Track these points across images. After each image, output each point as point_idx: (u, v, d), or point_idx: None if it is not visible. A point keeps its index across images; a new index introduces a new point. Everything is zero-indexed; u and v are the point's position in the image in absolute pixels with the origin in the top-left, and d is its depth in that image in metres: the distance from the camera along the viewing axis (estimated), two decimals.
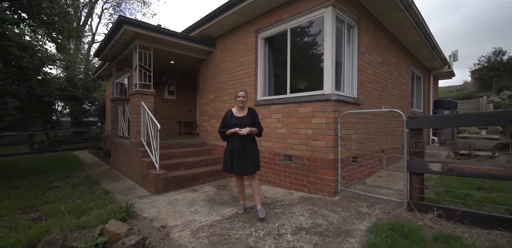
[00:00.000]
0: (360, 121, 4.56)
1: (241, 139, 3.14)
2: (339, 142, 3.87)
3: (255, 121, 3.25)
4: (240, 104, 3.22)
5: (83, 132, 14.74)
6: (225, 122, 3.27)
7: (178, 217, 3.31)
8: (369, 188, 4.14)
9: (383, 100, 5.61)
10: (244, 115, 3.25)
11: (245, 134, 3.10)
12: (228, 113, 3.32)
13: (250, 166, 3.15)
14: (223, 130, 3.26)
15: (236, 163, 3.14)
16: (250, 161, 3.15)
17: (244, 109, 3.30)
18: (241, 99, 3.22)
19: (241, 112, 3.28)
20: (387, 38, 5.72)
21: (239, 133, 3.10)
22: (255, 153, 3.25)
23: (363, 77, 4.70)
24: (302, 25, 4.49)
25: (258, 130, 3.26)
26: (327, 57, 3.97)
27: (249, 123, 3.19)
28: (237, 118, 3.23)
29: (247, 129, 3.12)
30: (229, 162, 3.20)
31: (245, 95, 3.27)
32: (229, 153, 3.22)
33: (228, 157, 3.22)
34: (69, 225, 3.02)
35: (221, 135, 3.29)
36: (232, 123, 3.19)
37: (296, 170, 4.30)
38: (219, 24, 5.53)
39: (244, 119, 3.21)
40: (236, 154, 3.14)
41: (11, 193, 4.55)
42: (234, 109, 3.33)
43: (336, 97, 3.86)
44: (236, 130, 3.12)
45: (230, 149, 3.21)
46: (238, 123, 3.17)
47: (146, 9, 33.98)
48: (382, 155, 5.44)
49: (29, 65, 4.69)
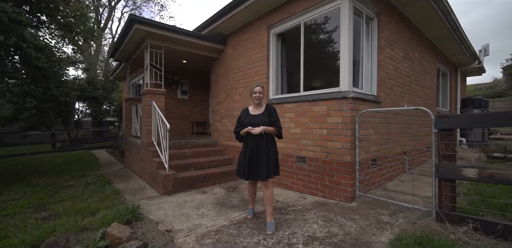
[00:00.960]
0: (380, 121, 4.21)
1: (254, 139, 2.82)
2: (357, 143, 3.57)
3: (272, 119, 2.86)
4: (256, 101, 2.91)
5: (102, 132, 15.25)
6: (240, 122, 2.98)
7: (184, 220, 3.18)
8: (390, 194, 3.79)
9: (406, 99, 5.19)
10: (259, 113, 2.91)
11: (258, 134, 2.76)
12: (243, 112, 3.03)
13: (262, 170, 2.79)
14: (237, 130, 2.98)
15: (248, 165, 2.83)
16: (263, 164, 2.80)
17: (261, 106, 2.96)
18: (257, 96, 2.89)
19: (257, 109, 2.96)
20: (410, 31, 5.29)
21: (251, 133, 2.79)
22: (271, 156, 2.84)
23: (384, 73, 4.34)
24: (316, 19, 4.22)
25: (276, 129, 2.86)
26: (343, 52, 3.68)
27: (265, 121, 2.83)
28: (251, 116, 2.92)
29: (260, 128, 2.78)
30: (242, 166, 2.90)
31: (262, 91, 2.91)
32: (242, 155, 2.92)
33: (242, 159, 2.92)
34: (74, 226, 2.97)
35: (236, 135, 3.00)
36: (246, 122, 2.89)
37: (310, 172, 4.04)
38: (230, 21, 5.37)
39: (258, 117, 2.88)
40: (249, 156, 2.82)
41: (27, 191, 4.65)
42: (250, 107, 3.03)
43: (354, 95, 3.56)
44: (248, 129, 2.82)
45: (244, 151, 2.91)
46: (252, 122, 2.86)
47: (164, 11, 34.79)
48: (404, 157, 5.03)
49: (45, 66, 4.78)
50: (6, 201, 4.15)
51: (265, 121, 2.84)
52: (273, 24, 4.79)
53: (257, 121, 2.84)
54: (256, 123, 2.84)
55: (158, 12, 25.93)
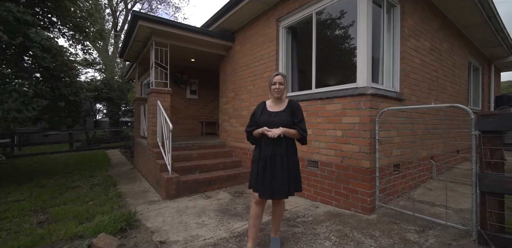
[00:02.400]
0: (404, 120, 3.72)
1: (270, 145, 2.17)
2: (377, 146, 3.12)
3: (295, 119, 2.23)
4: (276, 94, 2.26)
5: (119, 131, 15.58)
6: (254, 119, 2.33)
7: (182, 230, 2.90)
8: (416, 206, 3.29)
9: (433, 96, 4.61)
10: (280, 110, 2.26)
11: (275, 137, 2.11)
12: (259, 107, 2.38)
13: (278, 186, 2.13)
14: (249, 128, 2.34)
15: (260, 178, 2.17)
16: (280, 178, 2.14)
17: (282, 102, 2.34)
18: (277, 88, 2.24)
19: (276, 105, 2.32)
20: (438, 20, 4.70)
21: (268, 135, 2.13)
22: (292, 168, 2.21)
23: (408, 67, 3.83)
24: (329, 7, 3.80)
25: (300, 133, 2.21)
26: (361, 43, 3.24)
27: (286, 121, 2.19)
28: (269, 113, 2.27)
29: (280, 129, 2.11)
30: (254, 176, 2.25)
31: (283, 81, 2.27)
32: (254, 163, 2.28)
33: (254, 168, 2.28)
34: (66, 233, 2.80)
35: (247, 135, 2.37)
36: (261, 120, 2.24)
37: (323, 178, 3.63)
38: (237, 14, 5.06)
39: (278, 116, 2.22)
40: (262, 166, 2.17)
41: (34, 192, 4.62)
42: (268, 101, 2.39)
43: (373, 91, 3.11)
44: (263, 130, 2.16)
45: (256, 158, 2.27)
46: (269, 120, 2.21)
47: (178, 13, 35.33)
48: (432, 162, 4.46)
49: (51, 66, 4.72)
50: (10, 202, 4.11)
51: (286, 121, 2.19)
52: (282, 16, 4.42)
53: (276, 120, 2.19)
54: (274, 122, 2.18)
55: (172, 14, 26.34)
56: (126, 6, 19.11)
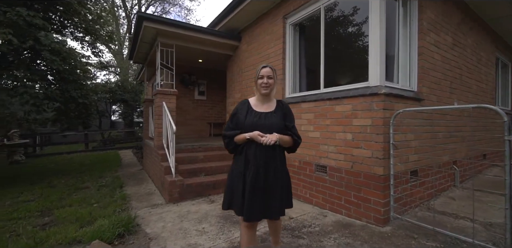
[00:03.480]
0: (422, 122, 3.39)
1: (262, 154, 1.75)
2: (391, 151, 2.84)
3: (288, 123, 1.86)
4: (264, 90, 1.83)
5: (132, 132, 15.94)
6: (236, 121, 1.86)
7: (181, 237, 2.78)
8: (437, 217, 2.96)
9: (456, 95, 4.21)
10: (270, 111, 1.85)
11: (271, 144, 1.70)
12: (242, 106, 1.89)
13: (275, 204, 1.77)
14: (229, 132, 1.84)
15: (249, 196, 1.73)
16: (276, 195, 1.78)
17: (270, 100, 1.91)
18: (265, 83, 1.82)
19: (264, 105, 1.88)
20: (461, 12, 4.30)
21: (262, 142, 1.70)
22: (285, 181, 1.87)
23: (427, 64, 3.50)
24: (339, 0, 3.55)
25: (293, 140, 1.84)
26: (373, 38, 2.97)
27: (279, 125, 1.80)
28: (257, 114, 1.82)
29: (275, 136, 1.72)
30: (236, 193, 1.78)
31: (273, 75, 1.85)
32: (237, 177, 1.80)
33: (235, 183, 1.80)
34: (66, 237, 2.75)
35: (227, 142, 1.86)
36: (248, 123, 1.79)
37: (332, 185, 3.38)
38: (243, 12, 4.90)
39: (269, 117, 1.81)
40: (252, 181, 1.74)
41: (44, 192, 4.70)
42: (253, 99, 1.94)
43: (387, 91, 2.84)
44: (254, 135, 1.73)
45: (240, 170, 1.79)
46: (258, 123, 1.78)
47: (191, 15, 35.78)
48: (454, 168, 4.07)
49: (60, 68, 4.79)
50: (20, 202, 4.19)
51: (279, 125, 1.80)
52: (289, 12, 4.20)
53: (267, 123, 1.78)
54: (265, 126, 1.76)
55: (185, 16, 26.68)
56: (140, 9, 19.55)
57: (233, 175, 1.85)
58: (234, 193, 1.81)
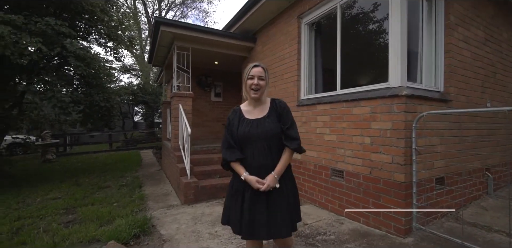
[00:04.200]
0: (449, 125, 3.14)
1: (261, 162, 1.60)
2: (413, 156, 2.65)
3: (284, 126, 1.63)
4: (254, 93, 1.63)
5: (153, 133, 16.56)
6: (230, 133, 1.68)
7: (193, 240, 2.79)
8: (467, 230, 2.71)
9: (488, 95, 3.86)
10: (263, 117, 1.65)
11: (267, 189, 1.54)
12: (234, 115, 1.72)
13: (280, 223, 1.55)
14: (226, 153, 1.65)
15: (248, 215, 1.55)
16: (283, 212, 1.57)
17: (262, 103, 1.71)
18: (255, 84, 1.62)
19: (256, 109, 1.69)
20: (495, 3, 3.93)
21: (262, 190, 1.53)
22: (292, 195, 1.65)
23: (455, 62, 3.23)
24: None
25: (292, 148, 1.61)
26: (394, 36, 2.79)
27: (273, 131, 1.60)
28: (249, 123, 1.64)
29: (272, 178, 1.55)
30: (238, 215, 1.59)
31: (264, 75, 1.66)
32: (237, 196, 1.62)
33: (235, 204, 1.62)
34: (86, 235, 2.89)
35: (223, 163, 1.69)
36: (240, 134, 1.63)
37: (349, 190, 3.23)
38: (258, 13, 4.85)
39: (261, 125, 1.62)
40: (249, 197, 1.57)
41: (70, 191, 4.99)
42: (244, 105, 1.76)
43: (408, 92, 2.65)
44: (252, 181, 1.55)
45: (238, 188, 1.63)
46: (250, 133, 1.61)
47: (208, 18, 36.48)
48: (487, 174, 3.73)
49: (84, 73, 5.05)
50: (48, 199, 4.47)
51: (273, 131, 1.60)
52: (304, 12, 4.09)
53: (259, 132, 1.60)
54: (257, 135, 1.60)
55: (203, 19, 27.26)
56: (160, 14, 20.24)
57: (230, 193, 1.69)
58: (231, 209, 1.64)
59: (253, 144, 1.61)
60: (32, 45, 4.27)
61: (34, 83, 5.01)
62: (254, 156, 1.60)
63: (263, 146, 1.60)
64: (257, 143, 1.60)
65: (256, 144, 1.60)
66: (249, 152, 1.62)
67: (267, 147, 1.60)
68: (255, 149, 1.60)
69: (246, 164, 1.62)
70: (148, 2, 20.24)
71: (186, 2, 21.12)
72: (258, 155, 1.60)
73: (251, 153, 1.61)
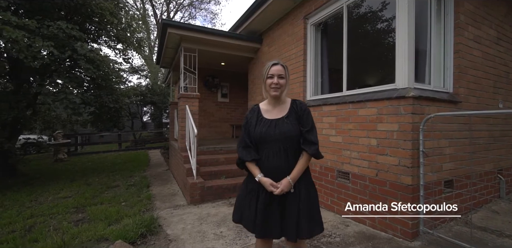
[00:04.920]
0: (459, 127, 3.06)
1: (277, 166, 1.56)
2: (421, 159, 2.60)
3: (303, 128, 1.57)
4: (274, 92, 1.58)
5: (161, 133, 16.80)
6: (247, 132, 1.64)
7: (199, 240, 2.83)
8: (477, 235, 2.65)
9: (501, 95, 3.75)
10: (281, 117, 1.60)
11: (281, 193, 1.52)
12: (252, 114, 1.68)
13: (292, 227, 1.52)
14: (242, 152, 1.62)
15: (262, 216, 1.54)
16: (293, 216, 1.52)
17: (282, 103, 1.65)
18: (275, 83, 1.57)
19: (275, 109, 1.64)
20: (507, 2, 3.81)
21: (276, 193, 1.51)
22: (306, 202, 1.55)
23: (465, 62, 3.15)
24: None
25: (310, 153, 1.54)
26: (400, 35, 2.75)
27: (291, 133, 1.55)
28: (266, 123, 1.59)
29: (287, 182, 1.51)
30: (248, 208, 1.60)
31: (285, 73, 1.60)
32: (251, 195, 1.60)
33: (248, 202, 1.61)
34: (95, 234, 2.96)
35: (238, 162, 1.68)
36: (257, 134, 1.59)
37: (355, 193, 3.20)
38: (264, 14, 4.86)
39: (279, 125, 1.57)
40: (263, 199, 1.56)
41: (80, 190, 5.12)
42: (263, 104, 1.71)
43: (416, 93, 2.61)
44: (267, 183, 1.52)
45: (252, 188, 1.61)
46: (267, 133, 1.56)
47: (216, 19, 36.75)
48: (499, 177, 3.62)
49: (94, 76, 5.17)
50: (60, 198, 4.61)
51: (291, 132, 1.54)
52: (310, 12, 4.08)
53: (277, 133, 1.55)
54: (274, 136, 1.54)
55: (211, 20, 27.54)
56: (168, 16, 20.52)
57: (244, 190, 1.67)
58: (245, 207, 1.62)
59: (270, 145, 1.56)
60: (45, 48, 4.40)
61: (46, 85, 5.17)
62: (269, 157, 1.56)
63: (279, 148, 1.55)
64: (274, 144, 1.56)
65: (272, 145, 1.56)
66: (264, 153, 1.58)
67: (284, 149, 1.55)
68: (270, 150, 1.56)
69: (261, 165, 1.58)
70: (156, 4, 20.56)
71: (194, 3, 21.34)
72: (274, 156, 1.55)
73: (267, 154, 1.57)
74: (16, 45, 4.05)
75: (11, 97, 5.07)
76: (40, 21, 4.67)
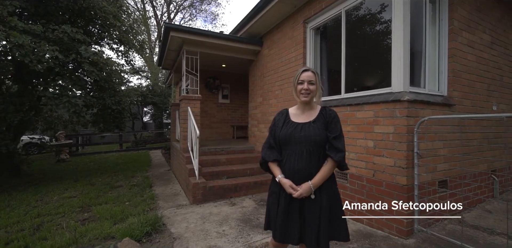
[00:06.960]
0: (452, 129, 3.17)
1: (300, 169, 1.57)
2: (415, 160, 2.71)
3: (330, 134, 1.56)
4: (304, 97, 1.60)
5: (162, 133, 16.90)
6: (274, 135, 1.69)
7: (202, 239, 2.93)
8: (469, 232, 2.76)
9: (495, 98, 3.86)
10: (309, 121, 1.61)
11: (299, 197, 1.52)
12: (280, 117, 1.72)
13: (310, 235, 1.52)
14: (267, 152, 1.68)
15: (281, 219, 1.57)
16: (311, 223, 1.52)
17: (312, 109, 1.66)
18: (305, 89, 1.59)
19: (304, 114, 1.66)
20: (501, 5, 3.93)
21: (295, 196, 1.52)
22: (327, 211, 1.53)
23: (459, 66, 3.26)
24: (360, 4, 3.46)
25: (335, 160, 1.54)
26: (396, 41, 2.86)
27: (316, 136, 1.54)
28: (293, 125, 1.62)
29: (308, 186, 1.50)
30: (272, 212, 1.64)
31: (315, 79, 1.62)
32: (271, 197, 1.68)
33: (270, 203, 1.68)
34: (101, 233, 3.06)
35: (261, 161, 1.73)
36: (282, 135, 1.61)
37: (352, 192, 3.31)
38: (265, 18, 4.97)
39: (306, 129, 1.58)
40: (284, 201, 1.58)
41: (84, 190, 5.22)
42: (293, 108, 1.74)
43: (411, 97, 2.71)
44: (286, 185, 1.54)
45: (273, 190, 1.66)
46: (293, 135, 1.58)
47: (217, 20, 36.84)
48: (493, 177, 3.73)
49: (97, 78, 5.27)
50: (65, 198, 4.71)
51: (317, 136, 1.54)
52: (309, 17, 4.19)
53: (303, 135, 1.55)
54: (300, 139, 1.55)
55: (211, 21, 27.67)
56: (169, 16, 20.63)
57: (271, 195, 1.68)
58: (270, 213, 1.66)
59: (293, 147, 1.57)
60: (50, 52, 4.50)
61: (50, 88, 5.26)
62: (290, 159, 1.57)
63: (302, 151, 1.55)
64: (297, 146, 1.56)
65: (295, 147, 1.56)
66: (286, 154, 1.59)
67: (307, 152, 1.54)
68: (293, 152, 1.57)
69: (282, 166, 1.61)
70: (157, 5, 20.66)
71: (194, 4, 21.44)
72: (295, 158, 1.55)
73: (289, 156, 1.58)
74: (21, 49, 4.15)
75: (16, 99, 5.17)
76: (45, 25, 4.77)
